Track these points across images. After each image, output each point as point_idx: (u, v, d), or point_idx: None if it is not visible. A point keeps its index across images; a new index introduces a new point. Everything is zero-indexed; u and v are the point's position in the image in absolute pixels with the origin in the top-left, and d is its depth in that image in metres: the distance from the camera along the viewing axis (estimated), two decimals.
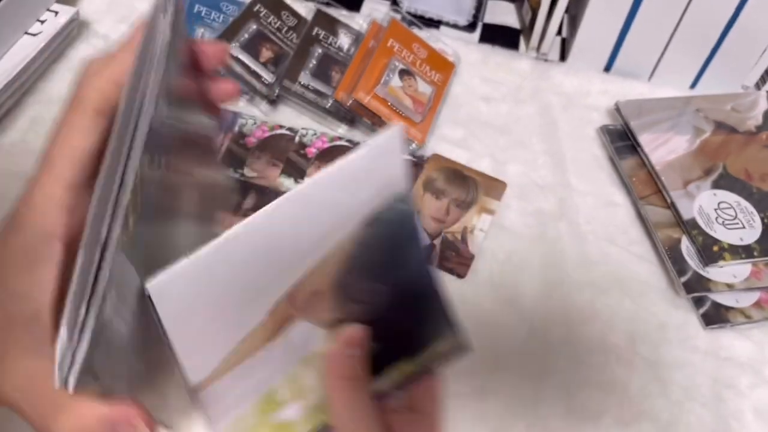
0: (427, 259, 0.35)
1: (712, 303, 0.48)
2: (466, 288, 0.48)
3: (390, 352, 0.33)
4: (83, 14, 0.60)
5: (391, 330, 0.33)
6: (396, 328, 0.33)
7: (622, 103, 0.57)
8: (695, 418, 0.44)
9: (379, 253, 0.33)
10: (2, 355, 0.25)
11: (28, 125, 0.53)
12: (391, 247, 0.33)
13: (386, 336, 0.33)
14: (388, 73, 0.56)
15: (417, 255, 0.33)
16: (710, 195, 0.51)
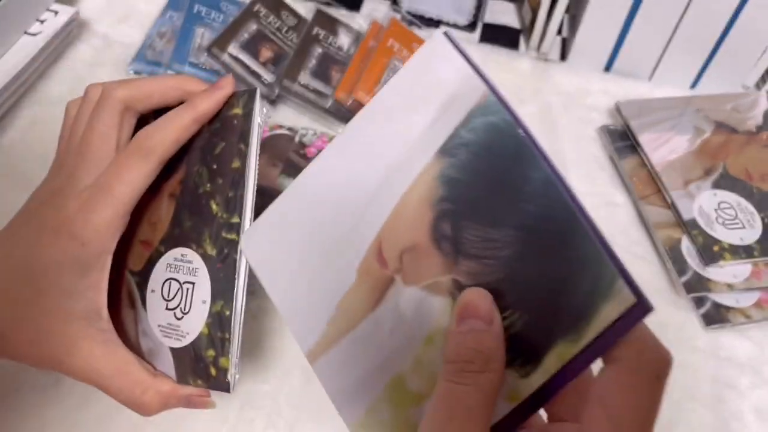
0: (562, 182, 0.24)
1: (712, 303, 0.48)
2: None
3: (537, 328, 0.24)
4: (83, 14, 0.60)
5: (534, 294, 0.24)
6: (540, 291, 0.24)
7: (622, 103, 0.57)
8: (695, 418, 0.44)
9: (477, 185, 0.26)
10: (73, 344, 0.30)
11: (27, 125, 0.53)
12: (494, 175, 0.26)
13: (528, 304, 0.25)
14: (388, 73, 0.56)
15: (542, 178, 0.25)
16: (710, 195, 0.51)
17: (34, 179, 0.49)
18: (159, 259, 0.34)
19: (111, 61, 0.58)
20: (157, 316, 0.34)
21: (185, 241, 0.34)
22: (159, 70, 0.56)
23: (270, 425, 0.40)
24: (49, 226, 0.30)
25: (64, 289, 0.30)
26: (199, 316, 0.33)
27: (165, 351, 0.34)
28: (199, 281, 0.33)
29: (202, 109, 0.33)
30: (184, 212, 0.34)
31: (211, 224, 0.33)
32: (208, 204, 0.34)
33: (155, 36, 0.58)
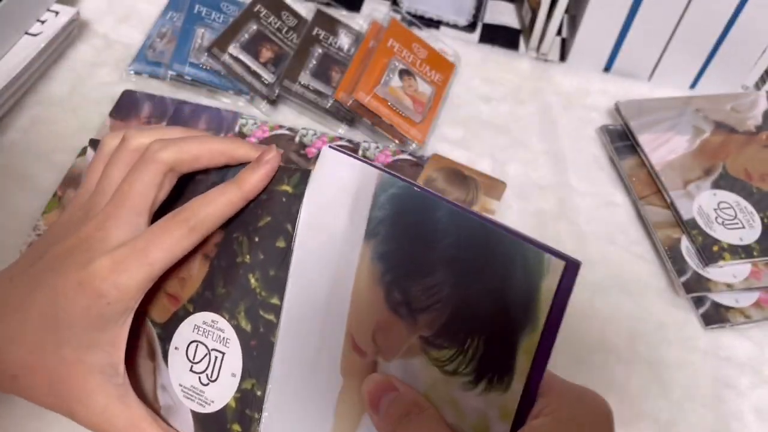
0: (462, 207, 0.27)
1: (711, 303, 0.48)
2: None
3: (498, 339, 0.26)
4: (83, 14, 0.60)
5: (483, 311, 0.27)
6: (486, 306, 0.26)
7: (621, 103, 0.57)
8: (695, 417, 0.44)
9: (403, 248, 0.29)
10: (87, 396, 0.31)
11: (28, 125, 0.53)
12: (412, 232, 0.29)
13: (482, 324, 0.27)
14: (388, 73, 0.56)
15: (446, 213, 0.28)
16: (710, 195, 0.51)
17: (34, 179, 0.50)
18: (186, 318, 0.33)
19: (111, 62, 0.58)
20: (180, 376, 0.33)
21: (217, 307, 0.33)
22: (159, 71, 0.56)
23: None
24: (75, 279, 0.30)
25: (84, 342, 0.30)
26: (227, 388, 0.32)
27: (185, 412, 0.33)
28: (230, 353, 0.32)
29: (248, 188, 0.32)
30: (218, 277, 0.33)
31: (247, 298, 0.32)
32: (246, 276, 0.33)
33: (156, 36, 0.58)
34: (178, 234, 0.31)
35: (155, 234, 0.31)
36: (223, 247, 0.33)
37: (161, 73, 0.56)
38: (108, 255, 0.30)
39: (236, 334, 0.32)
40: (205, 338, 0.33)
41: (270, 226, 0.33)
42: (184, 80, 0.56)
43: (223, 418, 0.32)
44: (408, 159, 0.54)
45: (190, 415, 0.33)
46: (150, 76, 0.57)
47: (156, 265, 0.30)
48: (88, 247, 0.30)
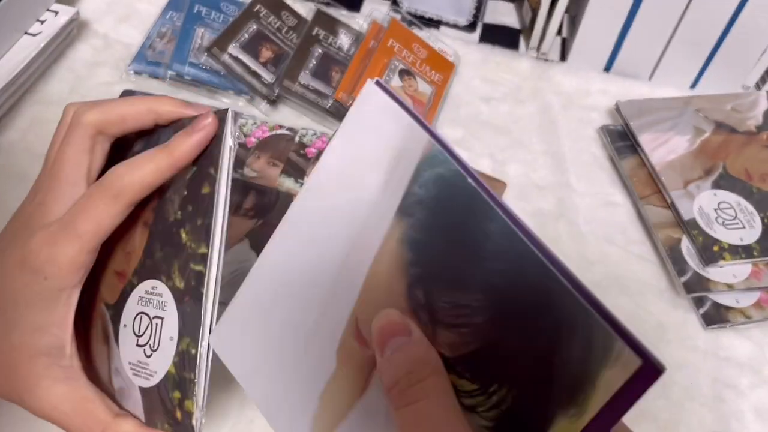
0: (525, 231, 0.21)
1: (712, 303, 0.48)
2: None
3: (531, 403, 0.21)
4: (83, 14, 0.60)
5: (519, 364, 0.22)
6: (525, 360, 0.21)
7: (622, 103, 0.57)
8: (695, 418, 0.44)
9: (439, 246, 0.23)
10: (35, 382, 0.30)
11: (27, 125, 0.53)
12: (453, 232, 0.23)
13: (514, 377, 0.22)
14: (388, 73, 0.56)
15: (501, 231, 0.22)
16: (710, 195, 0.51)
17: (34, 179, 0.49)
18: (131, 292, 0.32)
19: (111, 61, 0.58)
20: (128, 353, 0.32)
21: (156, 272, 0.31)
22: (159, 70, 0.56)
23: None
24: (17, 259, 0.30)
25: (30, 324, 0.30)
26: (167, 355, 0.31)
27: (135, 390, 0.32)
28: (168, 316, 0.31)
29: (179, 154, 0.31)
30: (156, 242, 0.32)
31: (180, 255, 0.31)
32: (178, 233, 0.31)
33: (155, 36, 0.58)
34: (102, 203, 0.29)
35: (81, 205, 0.30)
36: (159, 211, 0.32)
37: (161, 73, 0.56)
38: (42, 229, 0.29)
39: (172, 295, 0.31)
40: (146, 308, 0.32)
41: (196, 176, 0.31)
42: (184, 80, 0.56)
43: (165, 388, 0.31)
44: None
45: (138, 391, 0.31)
46: (150, 76, 0.57)
47: (86, 237, 0.29)
48: (30, 224, 0.30)
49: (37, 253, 0.29)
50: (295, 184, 0.51)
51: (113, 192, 0.29)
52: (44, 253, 0.29)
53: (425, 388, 0.22)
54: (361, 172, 0.26)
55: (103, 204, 0.29)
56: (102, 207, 0.29)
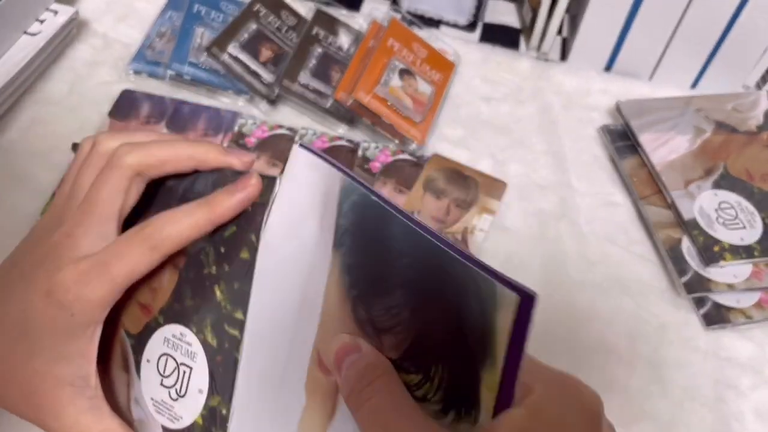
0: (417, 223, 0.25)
1: (712, 303, 0.48)
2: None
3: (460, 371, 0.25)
4: (82, 14, 0.60)
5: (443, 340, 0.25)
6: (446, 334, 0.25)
7: (622, 103, 0.57)
8: (696, 418, 0.43)
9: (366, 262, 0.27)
10: (60, 410, 0.30)
11: (27, 125, 0.53)
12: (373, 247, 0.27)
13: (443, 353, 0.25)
14: (388, 73, 0.56)
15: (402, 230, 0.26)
16: (711, 195, 0.51)
17: (33, 179, 0.49)
18: (157, 330, 0.32)
19: (110, 61, 0.58)
20: (151, 389, 0.32)
21: (185, 320, 0.32)
22: (158, 70, 0.56)
23: None
24: (43, 290, 0.30)
25: (55, 353, 0.30)
26: (195, 405, 0.31)
27: (156, 426, 0.32)
28: (197, 368, 0.32)
29: (220, 212, 0.31)
30: (186, 288, 0.32)
31: (213, 312, 0.31)
32: (212, 288, 0.32)
33: (155, 36, 0.58)
34: (139, 251, 0.30)
35: (118, 249, 0.30)
36: (191, 258, 0.32)
37: (160, 72, 0.56)
38: (73, 266, 0.29)
39: (203, 349, 0.32)
40: (174, 351, 0.32)
41: (235, 236, 0.31)
42: (184, 80, 0.56)
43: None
44: (408, 159, 0.53)
45: (160, 430, 0.32)
46: (149, 75, 0.56)
47: (118, 280, 0.30)
48: (57, 255, 0.30)
49: (67, 290, 0.29)
50: None
51: (152, 243, 0.30)
52: (74, 291, 0.29)
53: (376, 388, 0.25)
54: (300, 221, 0.29)
55: (139, 252, 0.30)
56: (138, 255, 0.30)
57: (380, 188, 0.51)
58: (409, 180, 0.52)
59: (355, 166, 0.52)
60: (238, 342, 0.31)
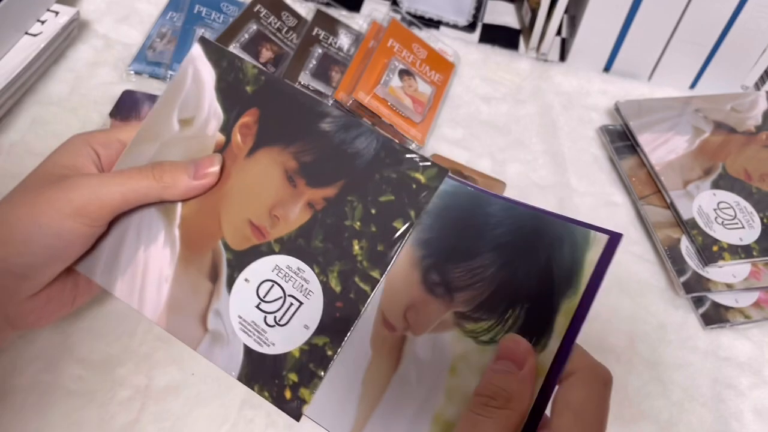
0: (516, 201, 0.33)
1: (711, 303, 0.48)
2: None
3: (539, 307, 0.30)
4: (83, 14, 0.60)
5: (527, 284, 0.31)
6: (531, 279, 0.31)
7: (621, 103, 0.57)
8: (695, 417, 0.44)
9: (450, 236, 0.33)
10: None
11: (28, 125, 0.53)
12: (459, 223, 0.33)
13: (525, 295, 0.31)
14: (388, 73, 0.56)
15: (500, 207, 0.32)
16: (710, 195, 0.51)
17: None
18: (268, 255, 0.34)
19: (111, 62, 0.58)
20: (242, 308, 0.34)
21: (309, 258, 0.34)
22: (159, 71, 0.56)
23: (270, 424, 0.41)
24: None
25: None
26: (295, 337, 0.33)
27: (237, 344, 0.33)
28: (309, 305, 0.33)
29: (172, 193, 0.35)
30: (319, 230, 0.34)
31: (346, 261, 0.33)
32: (350, 241, 0.34)
33: (156, 36, 0.58)
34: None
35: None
36: (333, 205, 0.34)
37: (161, 73, 0.56)
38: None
39: (322, 290, 0.33)
40: (284, 282, 0.33)
41: (391, 204, 0.34)
42: None
43: (281, 363, 0.33)
44: None
45: (241, 348, 0.33)
46: (150, 76, 0.57)
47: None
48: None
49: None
50: None
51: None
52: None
53: (496, 416, 0.28)
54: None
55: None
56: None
57: None
58: None
59: None
60: (366, 297, 0.33)
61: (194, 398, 0.41)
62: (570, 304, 0.30)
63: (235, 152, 0.36)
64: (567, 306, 0.30)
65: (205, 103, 0.37)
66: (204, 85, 0.38)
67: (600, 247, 0.30)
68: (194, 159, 0.36)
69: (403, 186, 0.34)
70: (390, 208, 0.34)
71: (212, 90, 0.37)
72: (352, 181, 0.34)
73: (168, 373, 0.41)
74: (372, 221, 0.34)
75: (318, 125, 0.36)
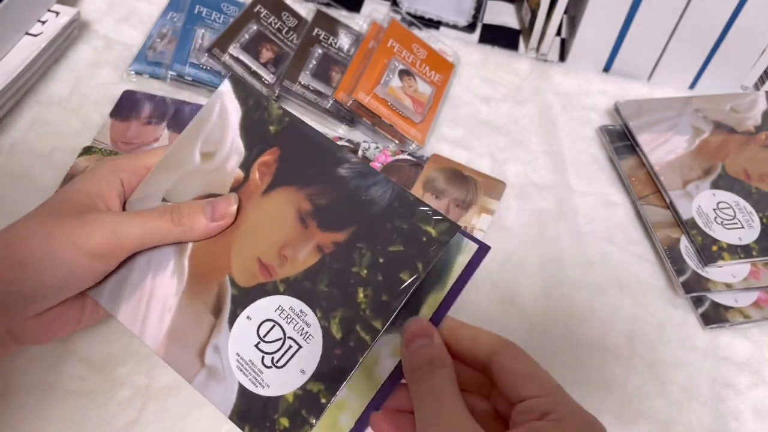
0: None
1: (710, 303, 0.48)
2: (465, 287, 0.48)
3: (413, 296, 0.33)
4: (84, 15, 0.60)
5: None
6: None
7: (621, 104, 0.57)
8: (694, 417, 0.44)
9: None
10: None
11: (28, 126, 0.53)
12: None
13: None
14: (388, 74, 0.56)
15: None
16: (709, 195, 0.51)
17: (35, 179, 0.50)
18: (273, 295, 0.34)
19: (112, 62, 0.58)
20: (241, 346, 0.33)
21: (312, 301, 0.33)
22: (160, 71, 0.56)
23: None
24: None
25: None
26: (291, 381, 0.32)
27: (232, 382, 0.33)
28: (308, 350, 0.33)
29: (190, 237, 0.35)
30: (325, 274, 0.34)
31: (349, 308, 0.33)
32: (355, 288, 0.33)
33: (156, 36, 0.58)
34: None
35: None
36: (342, 250, 0.34)
37: (162, 73, 0.56)
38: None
39: (322, 335, 0.33)
40: (286, 323, 0.33)
41: (400, 255, 0.33)
42: (185, 80, 0.56)
43: (274, 406, 0.32)
44: (408, 159, 0.54)
45: (236, 387, 0.33)
46: (150, 76, 0.57)
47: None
48: None
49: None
50: None
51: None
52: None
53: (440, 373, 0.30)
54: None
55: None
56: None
57: None
58: (409, 180, 0.52)
59: None
60: (366, 347, 0.32)
61: (195, 398, 0.41)
62: (435, 299, 0.34)
63: (252, 189, 0.36)
64: (432, 300, 0.34)
65: (228, 139, 0.37)
66: (229, 121, 0.38)
67: (469, 254, 0.34)
68: (211, 200, 0.36)
69: (413, 238, 0.34)
70: (398, 258, 0.34)
71: (236, 127, 0.38)
72: (364, 228, 0.34)
73: (168, 373, 0.41)
74: (379, 270, 0.33)
75: (335, 170, 0.36)
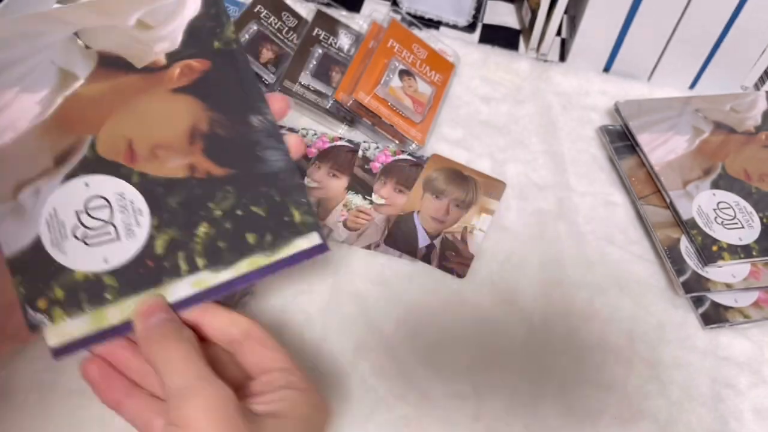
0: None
1: (711, 303, 0.48)
2: (465, 288, 0.48)
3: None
4: None
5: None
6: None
7: (621, 104, 0.57)
8: (694, 417, 0.44)
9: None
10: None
11: None
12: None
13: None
14: (388, 74, 0.56)
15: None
16: (709, 195, 0.51)
17: None
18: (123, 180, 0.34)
19: None
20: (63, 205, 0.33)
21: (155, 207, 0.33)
22: None
23: None
24: None
25: None
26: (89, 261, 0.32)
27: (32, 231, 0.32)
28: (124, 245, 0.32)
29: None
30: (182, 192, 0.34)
31: (184, 234, 0.33)
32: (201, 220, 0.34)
33: None
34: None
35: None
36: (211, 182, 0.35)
37: None
38: None
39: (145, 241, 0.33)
40: (118, 211, 0.33)
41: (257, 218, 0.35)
42: None
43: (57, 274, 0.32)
44: (408, 159, 0.54)
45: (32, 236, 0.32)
46: None
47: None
48: None
49: None
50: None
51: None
52: None
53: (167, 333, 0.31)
54: None
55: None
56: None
57: (380, 188, 0.52)
58: (409, 180, 0.52)
59: (356, 167, 0.53)
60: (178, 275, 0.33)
61: None
62: (258, 261, 0.33)
63: (165, 80, 0.36)
64: (255, 260, 0.33)
65: (171, 25, 0.37)
66: (183, 13, 0.37)
67: (310, 244, 0.34)
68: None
69: (278, 212, 0.34)
70: (254, 220, 0.34)
71: (185, 21, 0.37)
72: (241, 177, 0.34)
73: None
74: (231, 219, 0.34)
75: (248, 114, 0.36)
